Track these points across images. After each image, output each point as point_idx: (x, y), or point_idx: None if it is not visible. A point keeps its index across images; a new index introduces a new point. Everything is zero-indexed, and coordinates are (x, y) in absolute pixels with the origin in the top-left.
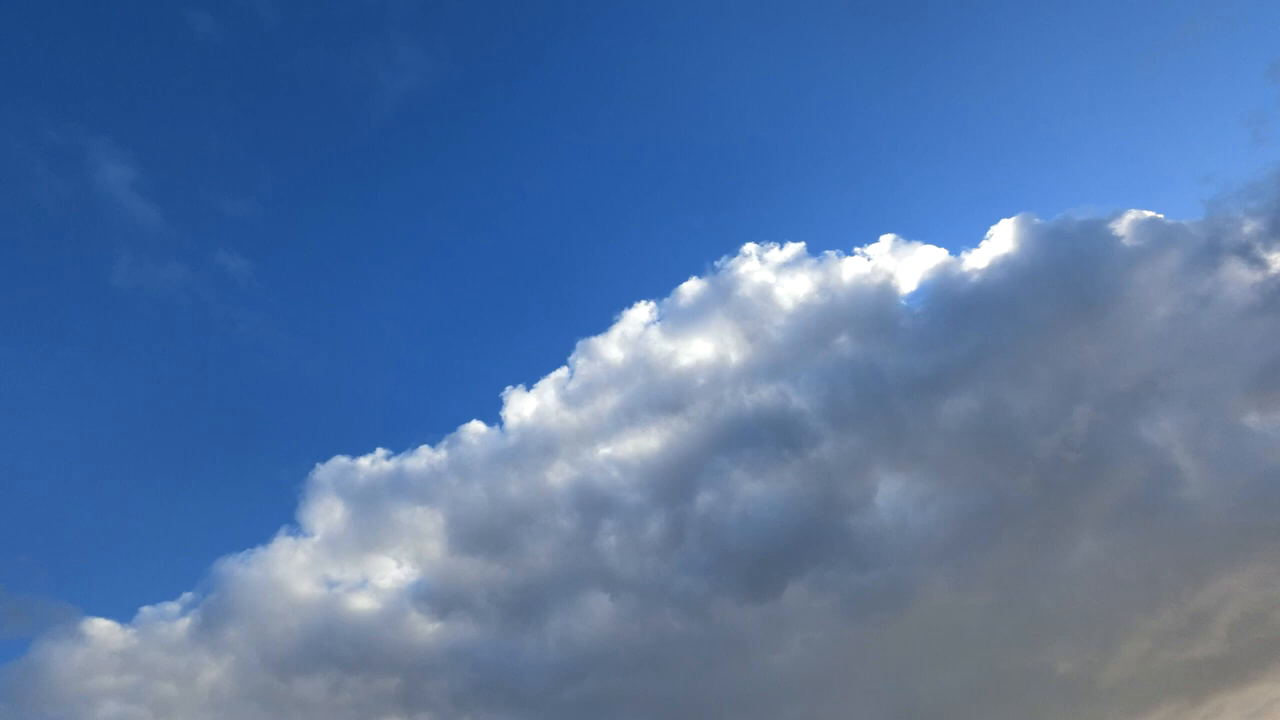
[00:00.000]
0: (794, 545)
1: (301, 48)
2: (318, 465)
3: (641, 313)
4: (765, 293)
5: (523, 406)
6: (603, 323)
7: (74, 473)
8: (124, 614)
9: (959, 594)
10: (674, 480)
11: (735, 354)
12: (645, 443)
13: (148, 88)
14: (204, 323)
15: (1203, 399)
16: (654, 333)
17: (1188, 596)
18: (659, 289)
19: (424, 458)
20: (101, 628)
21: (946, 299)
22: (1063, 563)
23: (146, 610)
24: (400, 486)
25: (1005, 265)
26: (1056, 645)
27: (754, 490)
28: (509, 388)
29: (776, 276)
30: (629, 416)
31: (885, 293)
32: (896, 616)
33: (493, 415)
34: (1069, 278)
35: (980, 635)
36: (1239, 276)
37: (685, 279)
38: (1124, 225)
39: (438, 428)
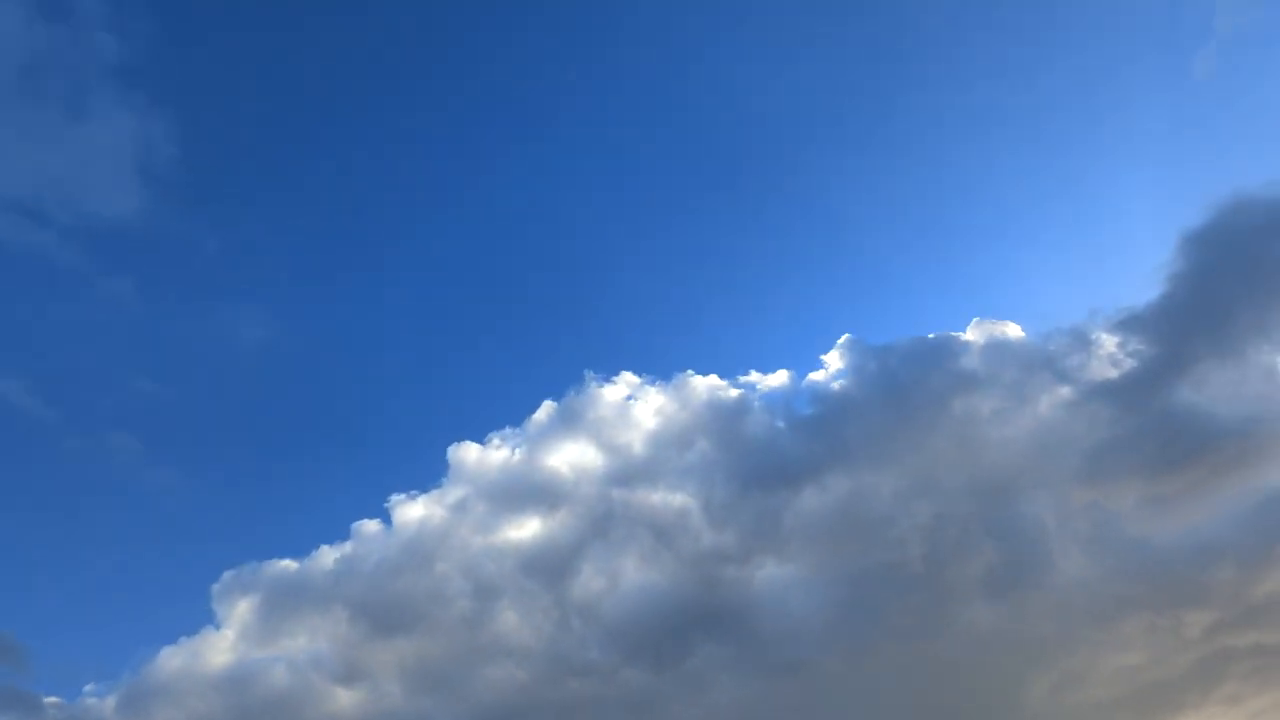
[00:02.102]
0: (685, 622)
1: None
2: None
3: (510, 433)
4: (625, 410)
5: (410, 510)
6: (481, 433)
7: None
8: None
9: (851, 660)
10: (558, 566)
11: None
12: (529, 534)
13: None
14: None
15: (1046, 485)
16: (531, 442)
17: (1067, 656)
18: (517, 414)
19: (326, 555)
20: None
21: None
22: (950, 630)
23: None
24: (306, 581)
25: (856, 372)
26: (953, 701)
27: (636, 576)
28: (394, 496)
29: (638, 396)
30: (512, 512)
31: (744, 404)
32: (794, 683)
33: (384, 516)
34: (913, 384)
35: (877, 695)
36: (1067, 377)
37: (552, 397)
38: (965, 336)
39: (335, 529)
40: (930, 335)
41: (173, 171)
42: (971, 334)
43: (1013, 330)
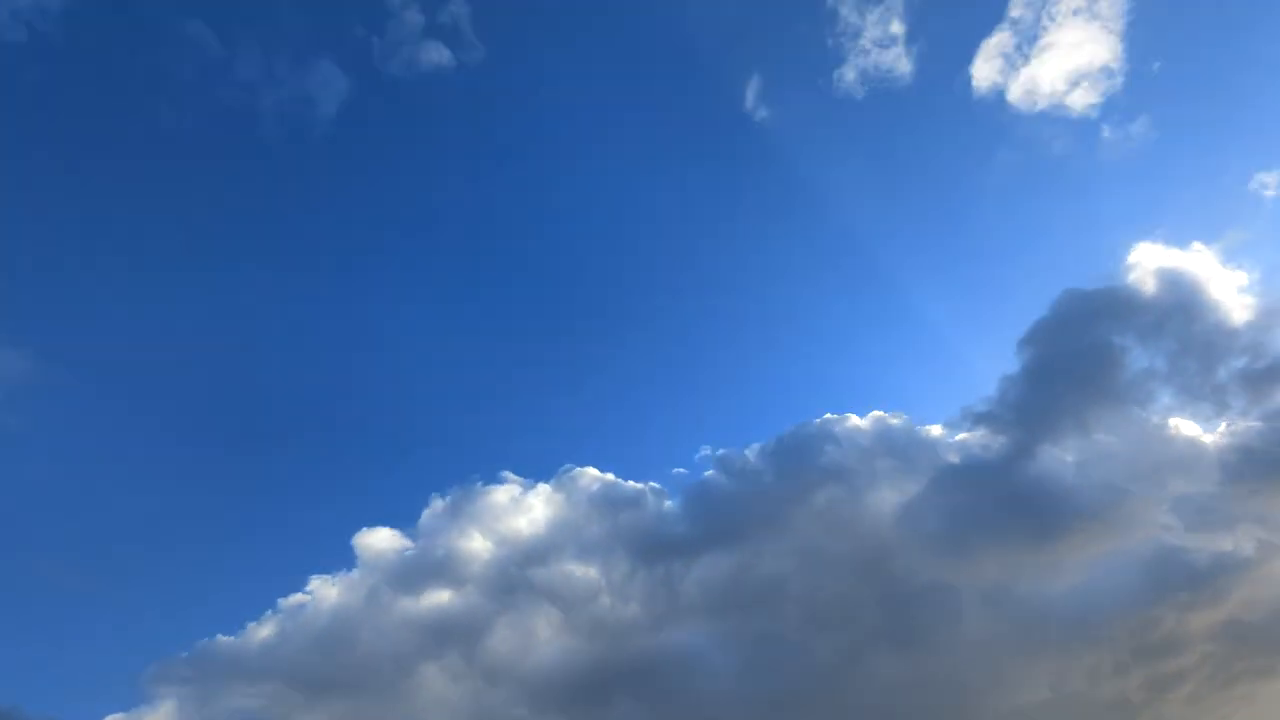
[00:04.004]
0: (603, 680)
1: None
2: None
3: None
4: (519, 500)
5: (328, 588)
6: (384, 521)
7: None
8: None
9: (763, 713)
10: (472, 633)
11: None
12: (441, 606)
13: None
14: None
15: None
16: (431, 529)
17: (978, 696)
18: (413, 506)
19: (254, 632)
20: None
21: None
22: (857, 681)
23: None
24: (241, 658)
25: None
26: None
27: (551, 642)
28: (313, 577)
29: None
30: (423, 587)
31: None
32: None
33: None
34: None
35: None
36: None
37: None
38: (845, 426)
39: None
40: (806, 423)
41: None
42: (843, 424)
43: (876, 422)
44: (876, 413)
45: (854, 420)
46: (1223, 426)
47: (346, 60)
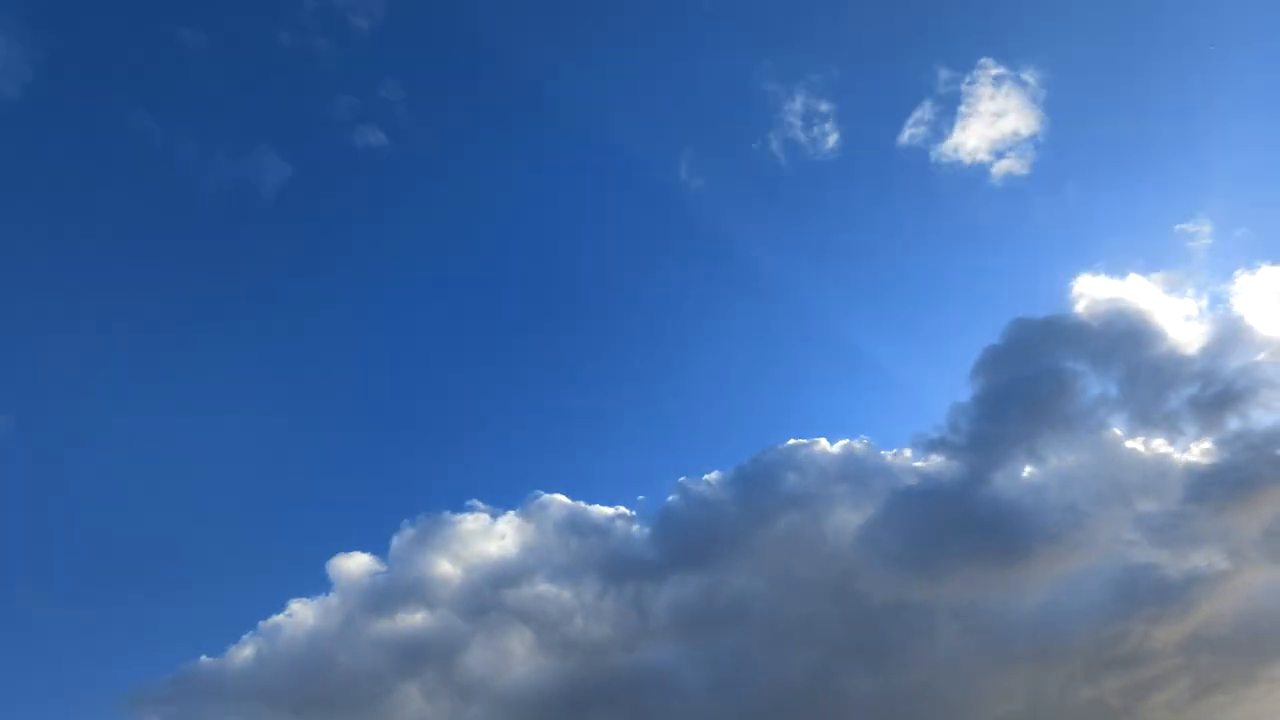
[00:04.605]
0: (578, 698)
1: None
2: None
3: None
4: (488, 527)
5: (306, 610)
6: (358, 546)
7: None
8: None
9: None
10: (443, 652)
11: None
12: (415, 625)
13: None
14: None
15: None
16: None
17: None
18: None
19: (235, 654)
20: None
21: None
22: (830, 696)
23: None
24: (222, 679)
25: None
26: None
27: (526, 661)
28: (292, 600)
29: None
30: (397, 609)
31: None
32: None
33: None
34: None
35: None
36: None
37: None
38: (810, 451)
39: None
40: (770, 449)
41: None
42: (808, 449)
43: (839, 447)
44: (842, 441)
45: (819, 445)
46: (1182, 447)
47: (285, 145)
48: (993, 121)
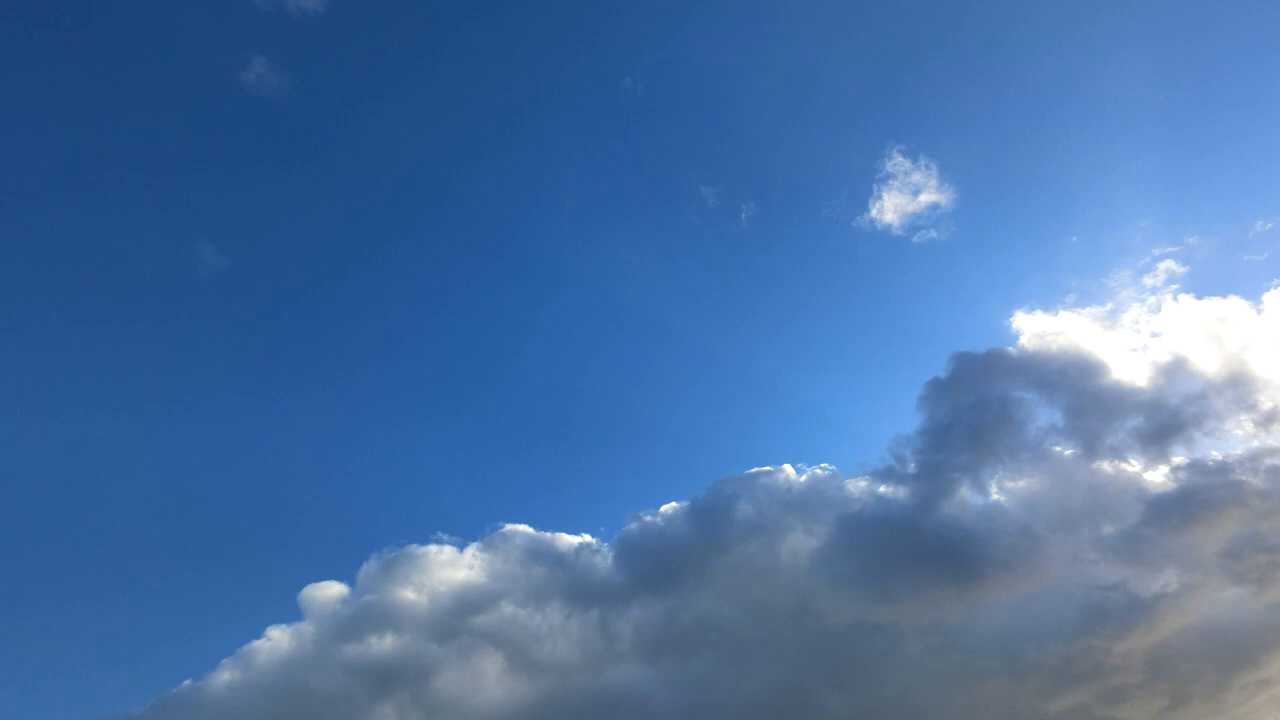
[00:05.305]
0: (546, 718)
1: None
2: None
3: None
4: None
5: (282, 635)
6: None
7: None
8: None
9: None
10: (415, 675)
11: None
12: (386, 650)
13: None
14: None
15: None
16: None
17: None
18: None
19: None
20: None
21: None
22: (806, 713)
23: None
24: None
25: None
26: None
27: (499, 682)
28: (270, 627)
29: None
30: (368, 634)
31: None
32: None
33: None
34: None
35: None
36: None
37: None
38: (770, 479)
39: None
40: (730, 477)
41: None
42: (769, 477)
43: (798, 474)
44: (806, 467)
45: (783, 473)
46: (1135, 471)
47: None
48: (906, 199)
